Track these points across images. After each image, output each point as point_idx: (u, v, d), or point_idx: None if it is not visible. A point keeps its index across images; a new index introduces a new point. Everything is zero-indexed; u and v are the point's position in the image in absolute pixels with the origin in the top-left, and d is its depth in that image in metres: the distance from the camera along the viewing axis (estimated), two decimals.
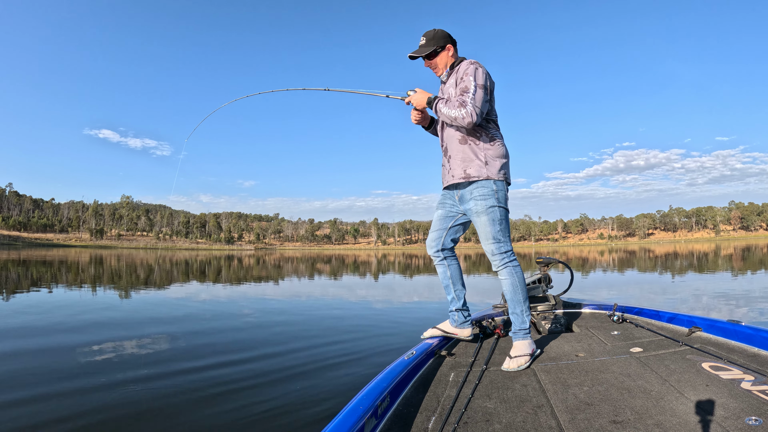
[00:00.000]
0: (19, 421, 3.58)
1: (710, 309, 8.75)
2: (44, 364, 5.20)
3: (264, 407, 3.83)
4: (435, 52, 3.36)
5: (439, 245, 3.56)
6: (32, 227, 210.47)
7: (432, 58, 3.39)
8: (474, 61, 3.21)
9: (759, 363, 2.69)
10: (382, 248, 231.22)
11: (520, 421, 2.11)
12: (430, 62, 3.42)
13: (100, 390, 4.31)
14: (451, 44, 3.38)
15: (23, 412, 3.75)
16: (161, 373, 4.82)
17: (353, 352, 5.75)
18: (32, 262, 30.87)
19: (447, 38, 3.38)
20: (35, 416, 3.67)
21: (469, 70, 3.15)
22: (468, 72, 3.15)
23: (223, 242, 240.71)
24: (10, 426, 3.49)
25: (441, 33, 3.37)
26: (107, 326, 7.49)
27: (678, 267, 22.68)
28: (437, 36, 3.35)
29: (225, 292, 13.76)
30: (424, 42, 3.37)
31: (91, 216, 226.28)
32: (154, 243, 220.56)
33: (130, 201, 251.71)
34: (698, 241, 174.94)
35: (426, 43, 3.36)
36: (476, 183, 3.24)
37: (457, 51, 3.45)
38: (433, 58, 3.39)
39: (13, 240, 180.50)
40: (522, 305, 3.26)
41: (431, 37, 3.36)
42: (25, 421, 3.58)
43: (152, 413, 3.78)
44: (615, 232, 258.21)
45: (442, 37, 3.36)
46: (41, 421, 3.58)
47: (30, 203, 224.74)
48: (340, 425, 1.83)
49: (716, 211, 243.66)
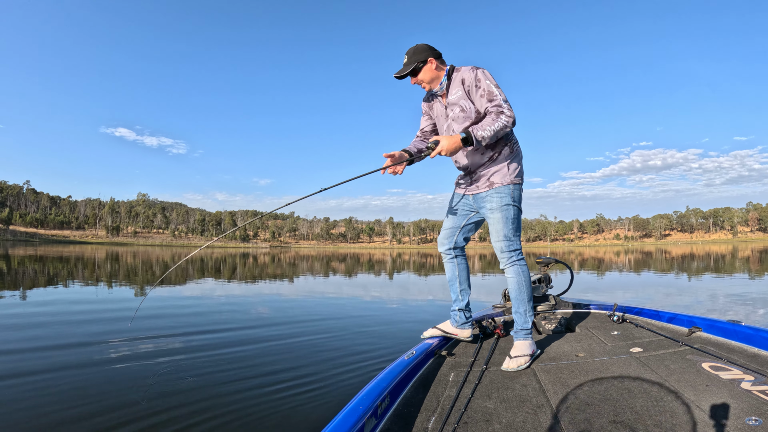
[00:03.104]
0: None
1: (726, 311, 8.65)
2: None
3: (264, 407, 3.83)
4: (417, 69, 3.28)
5: (452, 243, 3.57)
6: (49, 224, 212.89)
7: (416, 74, 3.31)
8: (475, 67, 3.19)
9: (759, 363, 2.69)
10: (397, 247, 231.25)
11: (520, 421, 2.12)
12: (416, 78, 3.34)
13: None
14: (432, 57, 3.28)
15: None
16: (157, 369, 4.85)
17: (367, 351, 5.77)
18: (50, 258, 31.16)
19: (427, 51, 3.29)
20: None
21: (479, 76, 3.13)
22: (479, 78, 3.13)
23: (239, 240, 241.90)
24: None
25: (421, 47, 3.30)
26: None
27: (695, 269, 22.43)
28: (417, 51, 3.28)
29: (240, 289, 13.82)
30: (406, 60, 3.31)
31: (107, 213, 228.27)
32: (170, 240, 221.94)
33: (146, 198, 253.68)
34: (715, 243, 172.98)
35: (408, 61, 3.29)
36: (497, 188, 3.26)
37: (443, 62, 3.35)
38: (416, 74, 3.31)
39: (30, 237, 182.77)
40: (526, 305, 3.27)
41: (412, 53, 3.29)
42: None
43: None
44: (631, 232, 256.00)
45: (422, 51, 3.28)
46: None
47: (47, 200, 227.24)
48: (340, 425, 1.84)
49: (734, 212, 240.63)
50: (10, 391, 4.19)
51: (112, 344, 5.89)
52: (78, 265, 24.21)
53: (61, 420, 3.55)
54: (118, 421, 3.54)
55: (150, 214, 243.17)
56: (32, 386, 4.33)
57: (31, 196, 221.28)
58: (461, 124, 3.26)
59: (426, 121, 3.63)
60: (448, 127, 3.37)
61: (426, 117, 3.63)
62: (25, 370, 4.81)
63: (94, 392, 4.18)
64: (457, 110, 3.26)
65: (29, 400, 3.97)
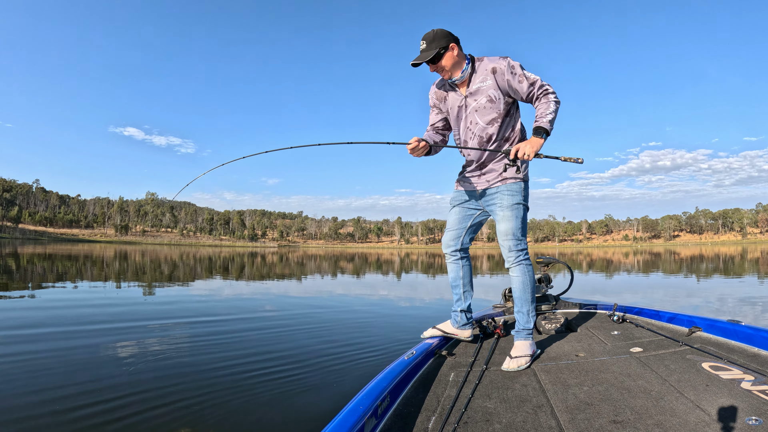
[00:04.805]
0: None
1: (735, 314, 8.60)
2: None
3: (263, 406, 3.83)
4: (439, 55, 3.12)
5: (458, 244, 3.55)
6: (58, 223, 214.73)
7: (436, 61, 3.15)
8: (504, 56, 3.14)
9: (759, 363, 2.69)
10: (405, 247, 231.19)
11: (520, 421, 2.12)
12: (435, 66, 3.18)
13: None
14: (453, 43, 3.13)
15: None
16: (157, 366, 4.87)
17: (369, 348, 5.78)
18: (58, 256, 31.34)
19: (448, 37, 3.12)
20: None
21: (512, 63, 3.10)
22: (513, 65, 3.09)
23: (247, 239, 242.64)
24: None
25: (441, 32, 3.12)
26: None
27: (704, 270, 22.30)
28: (438, 37, 3.11)
29: (249, 288, 13.86)
30: (425, 46, 3.13)
31: (116, 212, 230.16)
32: (178, 239, 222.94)
33: (154, 198, 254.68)
34: (725, 244, 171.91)
35: (427, 47, 3.12)
36: (509, 184, 3.25)
37: (462, 48, 3.21)
38: (437, 61, 3.15)
39: (39, 235, 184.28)
40: (529, 305, 3.27)
41: (431, 39, 3.11)
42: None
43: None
44: (640, 233, 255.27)
45: (443, 37, 3.11)
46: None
47: (56, 199, 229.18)
48: (340, 425, 1.84)
49: (743, 213, 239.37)
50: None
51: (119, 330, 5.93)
52: (87, 263, 24.36)
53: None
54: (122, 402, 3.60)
55: (158, 213, 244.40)
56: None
57: (41, 195, 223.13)
58: (486, 115, 3.20)
59: (436, 115, 3.52)
60: (466, 118, 3.29)
61: (436, 111, 3.52)
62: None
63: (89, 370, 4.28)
64: (482, 100, 3.18)
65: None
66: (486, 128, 3.24)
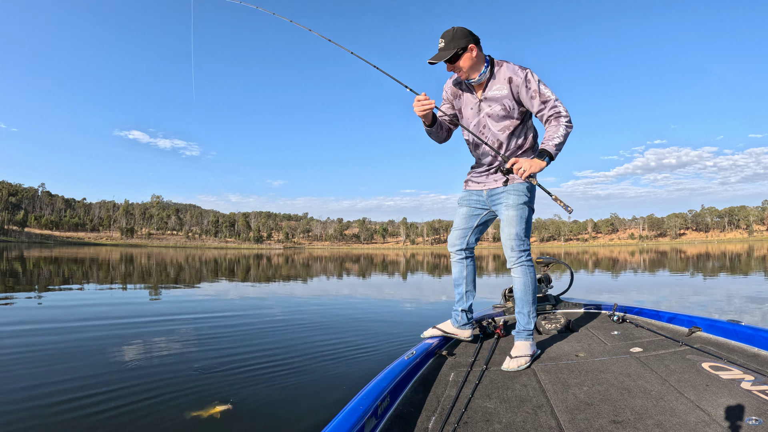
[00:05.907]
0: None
1: (743, 312, 8.56)
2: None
3: (263, 407, 3.84)
4: (457, 55, 3.05)
5: (464, 244, 3.55)
6: (64, 226, 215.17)
7: (454, 61, 3.08)
8: (523, 67, 3.10)
9: (759, 363, 2.68)
10: (411, 248, 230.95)
11: (520, 421, 2.13)
12: (453, 66, 3.11)
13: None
14: (473, 43, 3.05)
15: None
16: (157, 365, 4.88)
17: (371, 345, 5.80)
18: (65, 259, 31.44)
19: (468, 37, 3.04)
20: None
21: (528, 77, 3.06)
22: (529, 79, 3.06)
23: (252, 241, 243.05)
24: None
25: (461, 31, 3.04)
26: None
27: (710, 269, 22.22)
28: (457, 36, 3.02)
29: (257, 290, 13.88)
30: (443, 44, 3.05)
31: (121, 215, 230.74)
32: (183, 242, 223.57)
33: (160, 200, 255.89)
34: (731, 242, 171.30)
35: (445, 46, 3.04)
36: (516, 184, 3.25)
37: (481, 48, 3.14)
38: (455, 61, 3.07)
39: (45, 239, 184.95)
40: (530, 306, 3.27)
41: (450, 38, 3.03)
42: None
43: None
44: (646, 232, 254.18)
45: (462, 37, 3.03)
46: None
47: (62, 203, 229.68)
48: (340, 425, 1.85)
49: (749, 210, 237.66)
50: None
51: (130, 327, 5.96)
52: (93, 266, 24.44)
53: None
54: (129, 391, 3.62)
55: (164, 216, 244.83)
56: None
57: (46, 199, 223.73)
58: (499, 122, 3.20)
59: (447, 109, 3.48)
60: (479, 123, 3.28)
61: (448, 105, 3.47)
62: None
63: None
64: (497, 107, 3.16)
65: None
66: (498, 135, 3.24)
